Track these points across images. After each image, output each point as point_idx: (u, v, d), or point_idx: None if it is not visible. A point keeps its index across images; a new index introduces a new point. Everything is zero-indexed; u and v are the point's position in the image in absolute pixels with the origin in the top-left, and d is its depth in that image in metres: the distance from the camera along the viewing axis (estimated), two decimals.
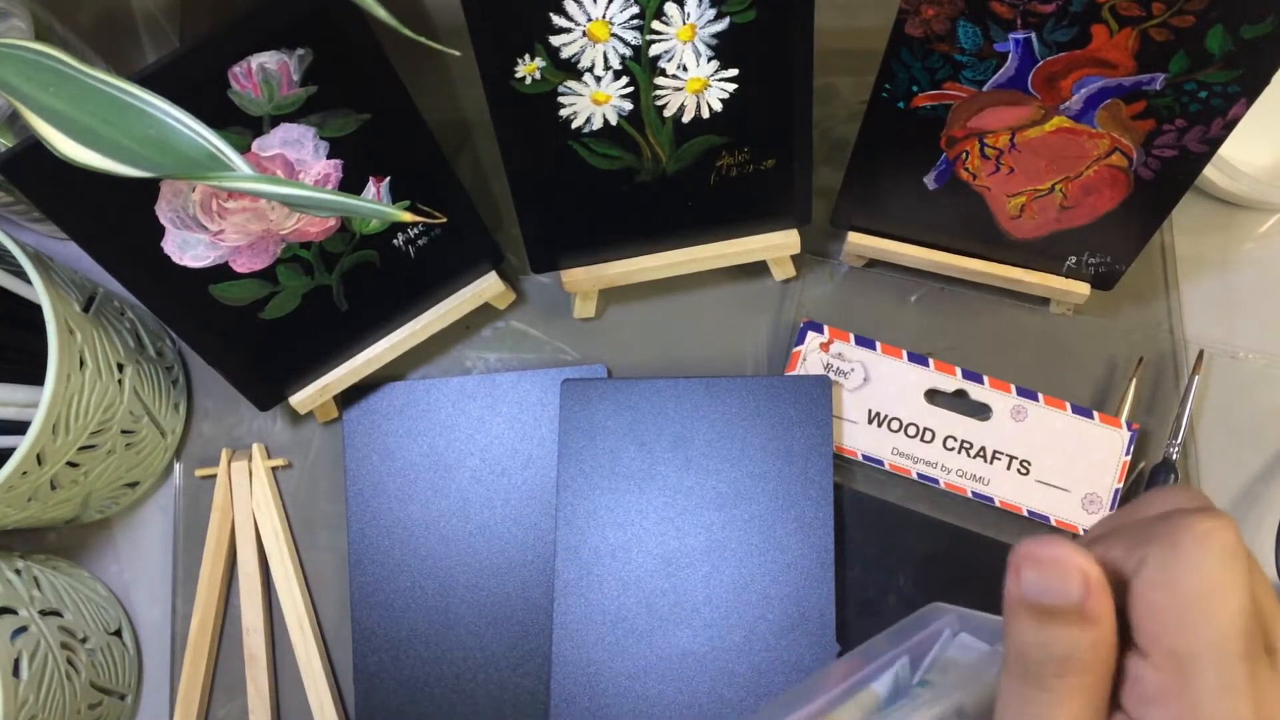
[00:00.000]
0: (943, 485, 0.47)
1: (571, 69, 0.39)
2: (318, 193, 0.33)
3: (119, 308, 0.47)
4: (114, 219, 0.38)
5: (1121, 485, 0.46)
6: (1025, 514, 0.46)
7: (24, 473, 0.39)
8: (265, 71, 0.36)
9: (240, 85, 0.36)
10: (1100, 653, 0.21)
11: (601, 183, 0.44)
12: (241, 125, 0.37)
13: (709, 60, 0.40)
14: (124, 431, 0.45)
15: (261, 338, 0.44)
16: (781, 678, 0.44)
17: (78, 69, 0.30)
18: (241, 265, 0.41)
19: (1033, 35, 0.37)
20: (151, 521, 0.50)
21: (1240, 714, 0.20)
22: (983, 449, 0.47)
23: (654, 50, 0.39)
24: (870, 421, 0.47)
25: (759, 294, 0.51)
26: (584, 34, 0.38)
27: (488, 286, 0.48)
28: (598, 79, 0.40)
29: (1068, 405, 0.47)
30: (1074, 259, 0.47)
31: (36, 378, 0.39)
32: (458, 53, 0.34)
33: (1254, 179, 0.49)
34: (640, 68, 0.40)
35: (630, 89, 0.40)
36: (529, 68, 0.39)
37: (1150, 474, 0.47)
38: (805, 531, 0.45)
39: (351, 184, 0.41)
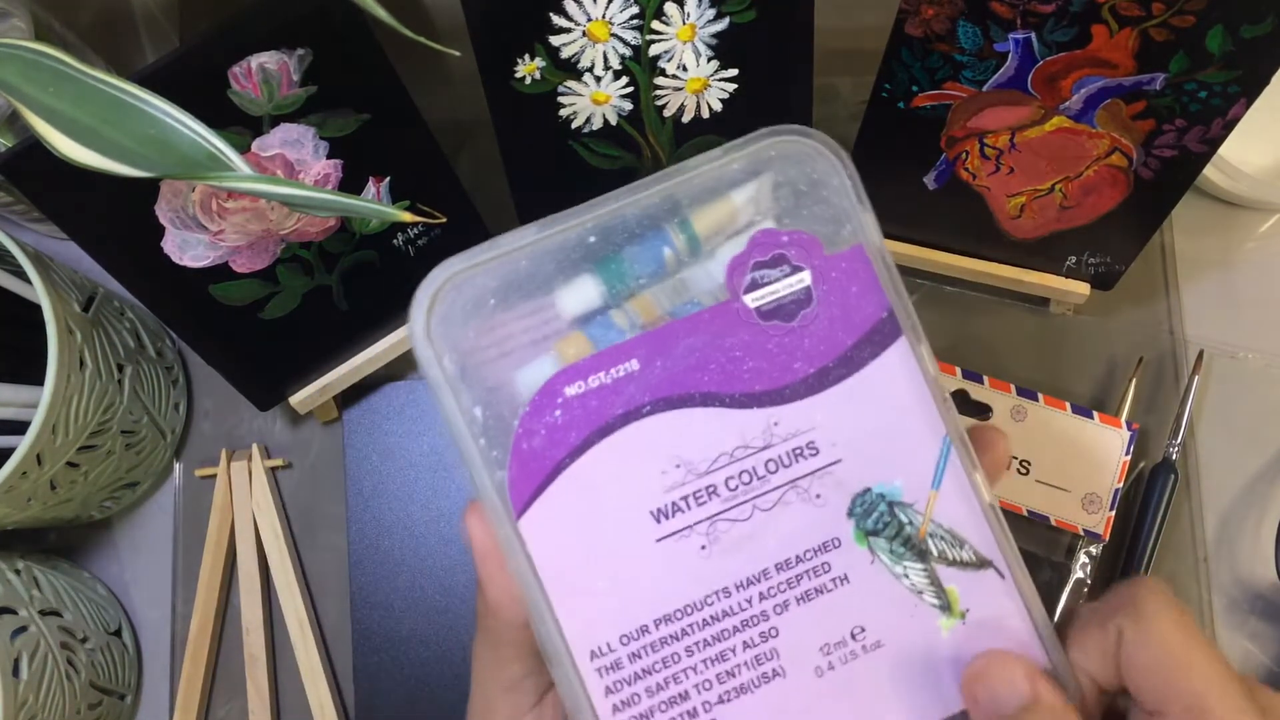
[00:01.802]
0: None
1: (571, 69, 0.39)
2: (318, 193, 0.33)
3: (119, 308, 0.47)
4: (114, 219, 0.38)
5: (1121, 485, 0.46)
6: (1025, 514, 0.46)
7: (24, 473, 0.39)
8: (265, 71, 0.36)
9: (240, 85, 0.36)
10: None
11: (602, 183, 0.44)
12: (241, 125, 0.37)
13: (709, 60, 0.40)
14: (124, 432, 0.45)
15: (261, 338, 0.44)
16: None
17: (78, 69, 0.30)
18: (241, 265, 0.41)
19: (1033, 35, 0.37)
20: (151, 521, 0.50)
21: None
22: None
23: (654, 50, 0.39)
24: None
25: None
26: (584, 34, 0.38)
27: None
28: (598, 79, 0.40)
29: (1068, 405, 0.47)
30: (1074, 259, 0.47)
31: (36, 378, 0.39)
32: (458, 53, 0.34)
33: (1254, 179, 0.49)
34: (640, 68, 0.40)
35: (630, 89, 0.40)
36: (529, 68, 0.39)
37: (1150, 474, 0.47)
38: None
39: (351, 184, 0.41)
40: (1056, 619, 0.46)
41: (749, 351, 0.26)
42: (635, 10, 0.37)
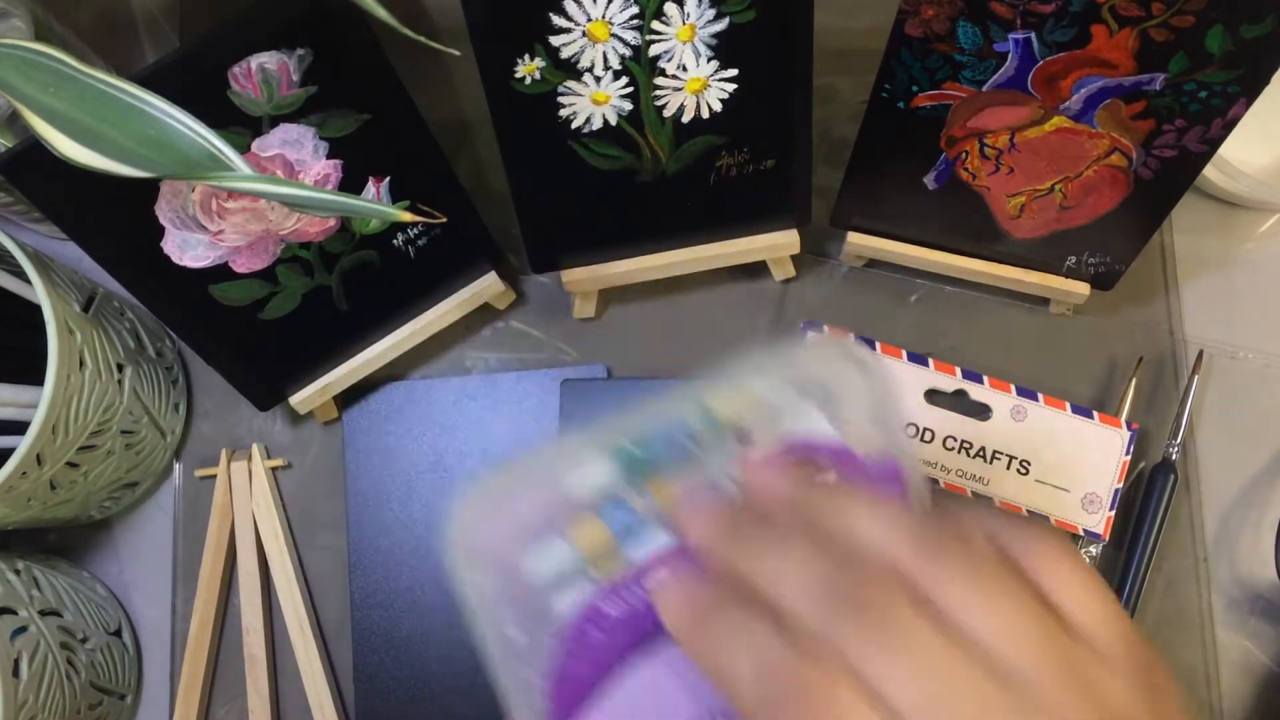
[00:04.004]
0: (943, 485, 0.47)
1: (571, 69, 0.39)
2: (318, 193, 0.33)
3: (119, 308, 0.47)
4: (114, 219, 0.38)
5: (1121, 485, 0.46)
6: (1025, 514, 0.46)
7: (24, 473, 0.39)
8: (265, 71, 0.36)
9: (240, 85, 0.36)
10: None
11: (601, 183, 0.44)
12: (241, 125, 0.37)
13: (709, 60, 0.40)
14: (124, 432, 0.45)
15: (261, 338, 0.44)
16: None
17: (78, 69, 0.30)
18: (241, 265, 0.41)
19: (1032, 35, 0.37)
20: (151, 521, 0.50)
21: None
22: (983, 449, 0.47)
23: (654, 50, 0.39)
24: None
25: (759, 294, 0.51)
26: (584, 34, 0.38)
27: (487, 286, 0.48)
28: (597, 79, 0.40)
29: (1068, 405, 0.47)
30: (1074, 259, 0.47)
31: (36, 378, 0.39)
32: (458, 53, 0.34)
33: (1254, 179, 0.49)
34: (640, 68, 0.40)
35: (630, 89, 0.40)
36: (529, 68, 0.39)
37: (1150, 474, 0.47)
38: None
39: (351, 184, 0.41)
40: None
41: None
42: (635, 10, 0.37)
